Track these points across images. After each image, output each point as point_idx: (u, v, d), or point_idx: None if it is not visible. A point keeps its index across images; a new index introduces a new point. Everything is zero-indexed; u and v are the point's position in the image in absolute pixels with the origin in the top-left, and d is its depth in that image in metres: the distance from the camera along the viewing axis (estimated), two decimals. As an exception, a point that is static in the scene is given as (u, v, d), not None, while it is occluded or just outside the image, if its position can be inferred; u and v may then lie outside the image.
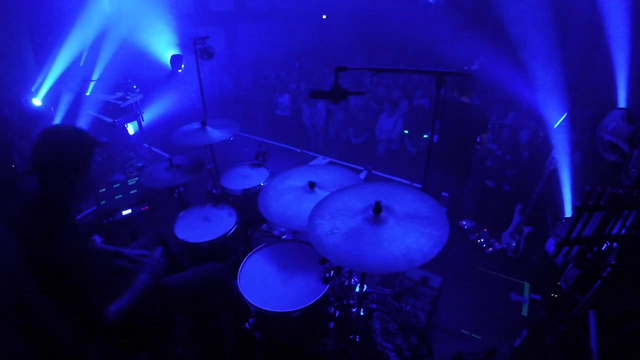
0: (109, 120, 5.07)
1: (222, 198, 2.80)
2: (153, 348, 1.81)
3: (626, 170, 2.55)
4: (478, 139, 3.45)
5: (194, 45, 3.21)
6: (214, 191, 2.96)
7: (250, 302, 1.76)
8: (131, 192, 4.18)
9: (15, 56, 5.38)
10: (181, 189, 2.73)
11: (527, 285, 3.42)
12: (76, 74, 5.74)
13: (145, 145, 5.46)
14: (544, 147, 4.41)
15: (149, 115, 5.77)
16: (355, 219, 1.59)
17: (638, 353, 1.70)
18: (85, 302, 1.42)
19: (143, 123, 5.35)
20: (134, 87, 5.73)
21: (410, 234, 1.50)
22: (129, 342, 1.73)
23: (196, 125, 2.76)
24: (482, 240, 3.97)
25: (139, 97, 5.21)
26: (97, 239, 2.44)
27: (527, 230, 3.64)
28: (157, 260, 1.74)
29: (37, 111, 5.23)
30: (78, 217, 3.66)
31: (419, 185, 2.19)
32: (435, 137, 3.50)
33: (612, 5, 4.52)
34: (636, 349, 1.69)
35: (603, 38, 4.55)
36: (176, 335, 1.91)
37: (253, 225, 2.72)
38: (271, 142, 6.56)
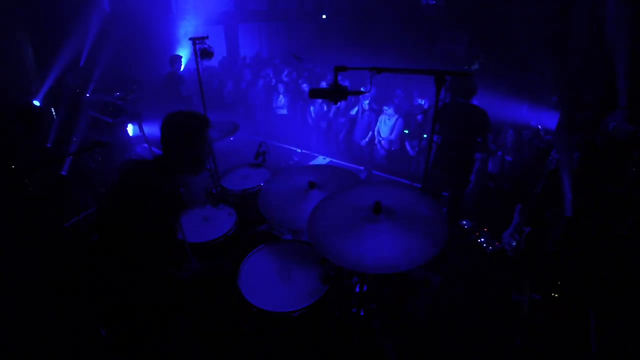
0: (109, 120, 5.07)
1: (222, 198, 2.80)
2: (153, 347, 1.81)
3: (626, 170, 2.55)
4: (479, 139, 3.46)
5: (194, 45, 3.21)
6: (214, 191, 2.96)
7: (251, 302, 1.76)
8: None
9: (15, 56, 5.38)
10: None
11: (527, 285, 3.41)
12: (76, 74, 5.74)
13: (145, 145, 5.46)
14: (544, 146, 4.41)
15: (149, 115, 5.76)
16: (355, 219, 1.59)
17: (638, 353, 1.71)
18: (158, 242, 1.69)
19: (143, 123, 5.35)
20: (133, 87, 5.74)
21: (410, 234, 1.50)
22: (128, 340, 1.73)
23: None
24: (482, 240, 3.97)
25: (139, 96, 5.22)
26: None
27: (527, 230, 3.64)
28: (193, 264, 1.89)
29: (37, 111, 5.22)
30: (80, 216, 3.67)
31: (419, 186, 2.19)
32: (435, 137, 3.52)
33: (613, 4, 4.52)
34: (636, 348, 1.70)
35: (604, 37, 4.55)
36: (176, 334, 1.91)
37: (253, 225, 2.72)
38: (271, 142, 6.56)
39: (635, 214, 2.40)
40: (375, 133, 5.73)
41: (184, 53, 6.17)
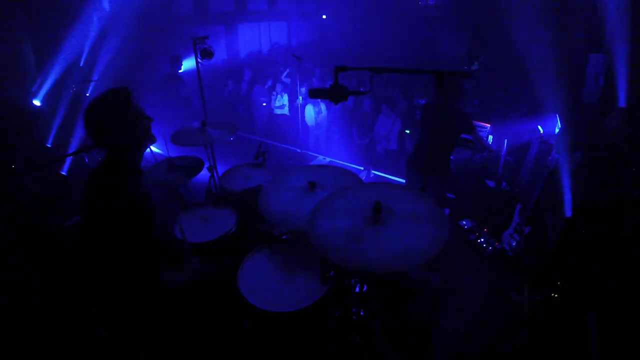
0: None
1: (222, 198, 2.80)
2: (153, 347, 1.81)
3: (626, 170, 2.55)
4: (471, 137, 3.47)
5: (194, 45, 3.21)
6: (214, 191, 2.96)
7: (250, 302, 1.76)
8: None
9: (15, 56, 5.38)
10: (181, 189, 2.73)
11: (527, 285, 3.41)
12: (76, 74, 5.74)
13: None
14: (544, 147, 4.41)
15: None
16: (355, 218, 1.59)
17: (638, 353, 1.71)
18: (149, 245, 1.59)
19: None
20: (133, 87, 5.72)
21: (409, 234, 1.50)
22: (125, 343, 1.73)
23: (196, 125, 2.77)
24: (482, 240, 3.97)
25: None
26: None
27: (527, 230, 3.64)
28: (194, 264, 1.87)
29: (37, 111, 5.23)
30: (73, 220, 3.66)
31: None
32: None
33: (612, 5, 4.52)
34: (636, 349, 1.69)
35: (603, 38, 4.55)
36: (176, 334, 1.91)
37: (253, 225, 2.72)
38: (271, 142, 6.57)
39: (635, 214, 2.40)
40: (375, 133, 5.74)
41: (189, 62, 6.16)
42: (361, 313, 2.14)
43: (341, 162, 5.76)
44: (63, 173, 4.64)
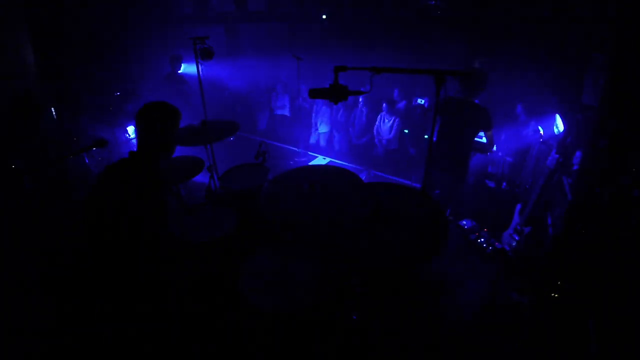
0: (109, 120, 5.07)
1: (222, 198, 2.80)
2: (153, 347, 1.81)
3: (627, 170, 2.55)
4: (484, 140, 3.45)
5: (194, 45, 3.21)
6: (214, 191, 2.96)
7: (251, 302, 1.76)
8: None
9: (15, 56, 5.38)
10: (181, 189, 2.73)
11: (528, 284, 3.41)
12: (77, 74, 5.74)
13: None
14: (544, 147, 4.41)
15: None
16: (355, 217, 1.60)
17: (638, 353, 1.71)
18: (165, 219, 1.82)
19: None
20: (133, 87, 5.73)
21: (409, 233, 1.50)
22: (128, 340, 1.73)
23: (196, 125, 2.77)
24: (482, 240, 3.97)
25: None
26: None
27: (527, 230, 3.64)
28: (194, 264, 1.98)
29: (37, 111, 5.22)
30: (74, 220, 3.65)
31: (419, 185, 2.19)
32: (435, 137, 3.49)
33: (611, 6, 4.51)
34: (636, 349, 1.69)
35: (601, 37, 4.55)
36: (176, 334, 1.91)
37: (253, 225, 2.72)
38: (271, 142, 6.57)
39: (636, 214, 2.40)
40: (375, 133, 5.74)
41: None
42: (361, 314, 2.14)
43: (341, 162, 5.77)
44: (63, 173, 4.64)
